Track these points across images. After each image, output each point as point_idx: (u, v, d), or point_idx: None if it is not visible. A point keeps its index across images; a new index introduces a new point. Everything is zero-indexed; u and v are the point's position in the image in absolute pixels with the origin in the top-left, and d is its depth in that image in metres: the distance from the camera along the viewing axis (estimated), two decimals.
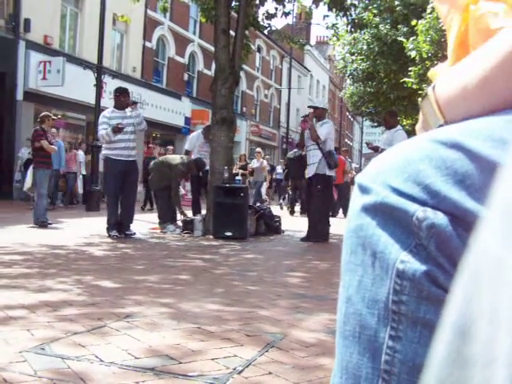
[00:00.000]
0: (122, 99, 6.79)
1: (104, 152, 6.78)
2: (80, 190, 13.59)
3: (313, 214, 7.04)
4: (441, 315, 0.54)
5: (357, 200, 0.58)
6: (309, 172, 7.00)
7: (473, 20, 0.67)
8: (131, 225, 6.87)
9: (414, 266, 0.54)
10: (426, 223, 0.53)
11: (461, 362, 0.25)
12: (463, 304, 0.27)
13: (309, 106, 7.39)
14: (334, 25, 10.63)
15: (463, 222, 0.52)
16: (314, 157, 6.93)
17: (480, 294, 0.26)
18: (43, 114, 8.14)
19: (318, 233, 6.94)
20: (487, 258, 0.26)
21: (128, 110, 6.80)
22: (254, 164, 15.15)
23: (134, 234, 6.79)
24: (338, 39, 11.51)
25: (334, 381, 0.63)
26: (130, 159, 6.77)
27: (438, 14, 0.75)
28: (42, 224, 7.49)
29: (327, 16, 10.74)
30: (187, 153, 8.64)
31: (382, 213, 0.55)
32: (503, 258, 0.25)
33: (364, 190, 0.57)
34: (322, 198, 6.97)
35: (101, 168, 9.33)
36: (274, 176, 18.52)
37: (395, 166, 0.56)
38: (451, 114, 0.62)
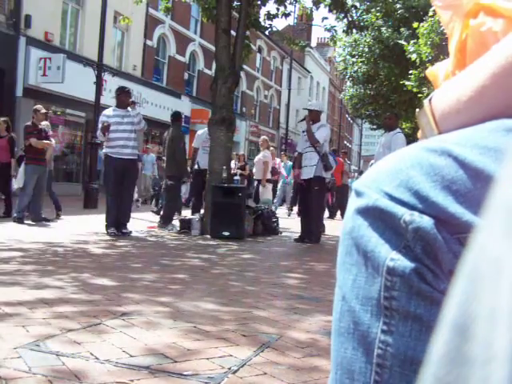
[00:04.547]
0: (123, 98, 6.81)
1: (104, 150, 6.81)
2: None
3: (314, 215, 7.05)
4: (430, 310, 0.57)
5: (352, 203, 0.62)
6: (305, 174, 7.01)
7: (472, 33, 0.69)
8: (128, 223, 6.87)
9: (404, 263, 0.57)
10: (412, 226, 0.56)
11: (460, 360, 0.26)
12: (463, 302, 0.27)
13: (304, 109, 7.44)
14: (332, 27, 10.63)
15: (448, 225, 0.56)
16: (311, 159, 6.97)
17: (479, 293, 0.26)
18: (34, 107, 8.02)
19: (312, 233, 6.97)
20: (486, 258, 0.26)
21: (129, 108, 6.81)
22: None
23: (131, 232, 6.79)
24: (335, 43, 11.48)
25: (330, 377, 0.65)
26: (130, 158, 6.76)
27: (441, 19, 0.76)
28: (18, 220, 7.41)
29: (326, 18, 10.75)
30: (195, 150, 8.64)
31: (372, 215, 0.59)
32: (502, 258, 0.25)
33: (358, 194, 0.61)
34: (316, 198, 7.02)
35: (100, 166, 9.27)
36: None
37: (389, 172, 0.59)
38: (445, 125, 0.64)
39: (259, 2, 9.17)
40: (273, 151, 14.40)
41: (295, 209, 14.12)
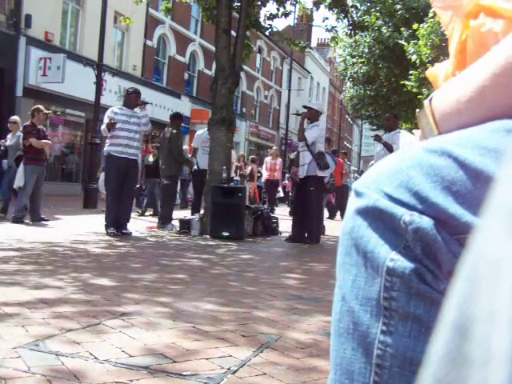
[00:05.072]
0: (133, 99, 6.84)
1: (106, 148, 6.78)
2: None
3: (314, 215, 7.03)
4: (430, 311, 0.57)
5: (352, 204, 0.62)
6: (300, 173, 7.02)
7: (472, 34, 0.69)
8: (128, 224, 6.87)
9: (404, 263, 0.56)
10: (412, 227, 0.56)
11: (459, 360, 0.26)
12: (462, 304, 0.27)
13: (303, 106, 7.45)
14: (333, 27, 10.63)
15: (448, 226, 0.55)
16: (304, 158, 6.97)
17: (478, 295, 0.26)
18: (34, 107, 7.97)
19: (311, 233, 6.96)
20: (486, 259, 0.26)
21: (137, 109, 6.83)
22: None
23: (131, 233, 6.79)
24: (337, 43, 11.49)
25: (329, 377, 0.65)
26: (132, 158, 6.77)
27: (441, 20, 0.76)
28: (18, 220, 7.40)
29: (326, 18, 10.76)
30: (194, 150, 8.64)
31: (372, 216, 0.59)
32: (502, 260, 0.25)
33: (358, 195, 0.61)
34: (314, 198, 6.99)
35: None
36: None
37: (389, 173, 0.59)
38: (445, 126, 0.64)
39: (259, 3, 9.18)
40: (276, 151, 14.51)
41: None
